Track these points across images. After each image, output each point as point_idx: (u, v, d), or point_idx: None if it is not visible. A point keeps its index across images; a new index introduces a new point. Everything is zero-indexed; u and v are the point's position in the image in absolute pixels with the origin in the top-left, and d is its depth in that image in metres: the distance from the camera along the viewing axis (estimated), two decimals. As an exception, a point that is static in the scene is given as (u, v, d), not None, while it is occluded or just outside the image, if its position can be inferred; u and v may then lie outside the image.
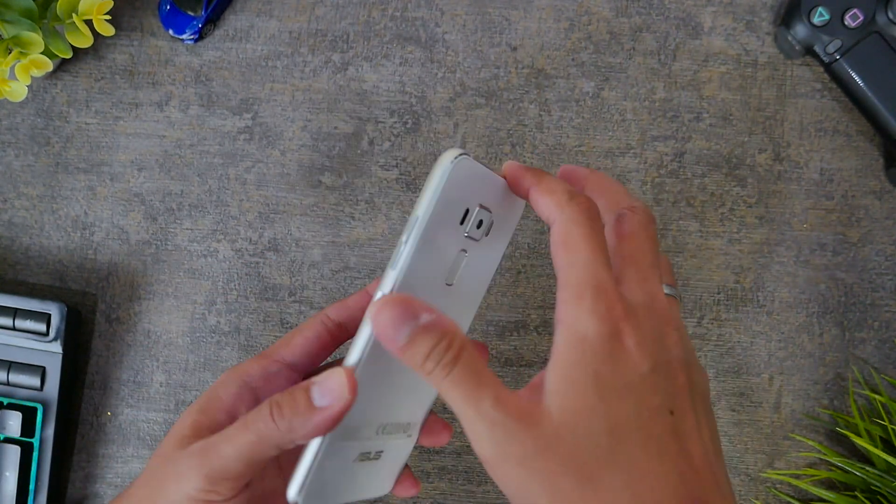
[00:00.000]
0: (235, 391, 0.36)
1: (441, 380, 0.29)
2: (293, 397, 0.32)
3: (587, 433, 0.28)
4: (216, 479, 0.33)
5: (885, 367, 0.53)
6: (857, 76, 0.51)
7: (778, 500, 0.53)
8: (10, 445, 0.51)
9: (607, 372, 0.29)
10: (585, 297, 0.29)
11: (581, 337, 0.29)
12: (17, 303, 0.51)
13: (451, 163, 0.31)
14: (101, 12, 0.49)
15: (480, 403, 0.29)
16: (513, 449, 0.28)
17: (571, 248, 0.30)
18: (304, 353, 0.38)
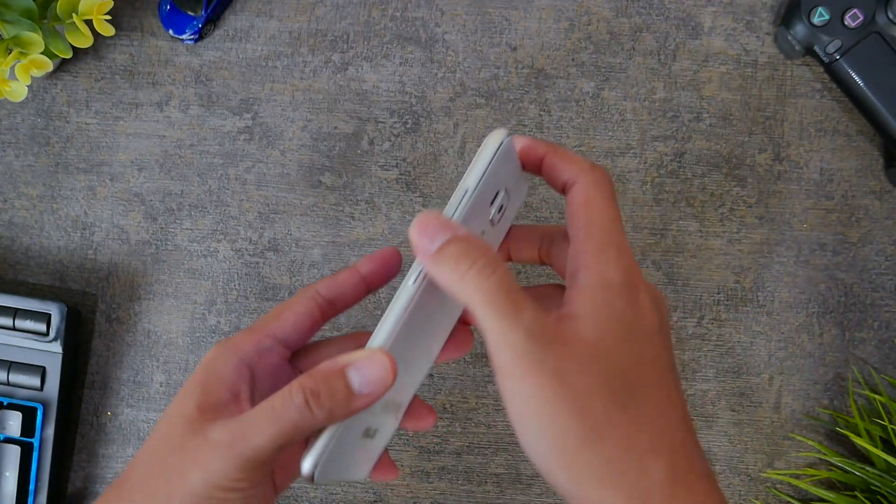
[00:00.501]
0: (234, 368, 0.35)
1: (478, 284, 0.29)
2: (330, 385, 0.32)
3: (615, 363, 0.30)
4: (248, 468, 0.32)
5: (885, 367, 0.53)
6: (857, 76, 0.51)
7: (778, 500, 0.53)
8: (10, 445, 0.51)
9: (631, 317, 0.31)
10: (609, 250, 0.31)
11: (608, 282, 0.30)
12: (17, 303, 0.51)
13: (504, 139, 0.32)
14: (101, 12, 0.49)
15: (520, 315, 0.29)
16: (549, 362, 0.29)
17: (594, 208, 0.32)
18: (295, 329, 0.37)
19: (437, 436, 0.54)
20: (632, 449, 0.29)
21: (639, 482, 0.29)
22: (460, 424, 0.54)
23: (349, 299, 0.38)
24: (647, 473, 0.29)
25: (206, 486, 0.32)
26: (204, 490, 0.32)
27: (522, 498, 0.54)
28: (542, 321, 0.30)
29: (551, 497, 0.53)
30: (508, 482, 0.54)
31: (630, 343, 0.30)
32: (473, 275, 0.30)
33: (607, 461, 0.29)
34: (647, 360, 0.31)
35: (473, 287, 0.30)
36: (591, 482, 0.29)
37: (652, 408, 0.30)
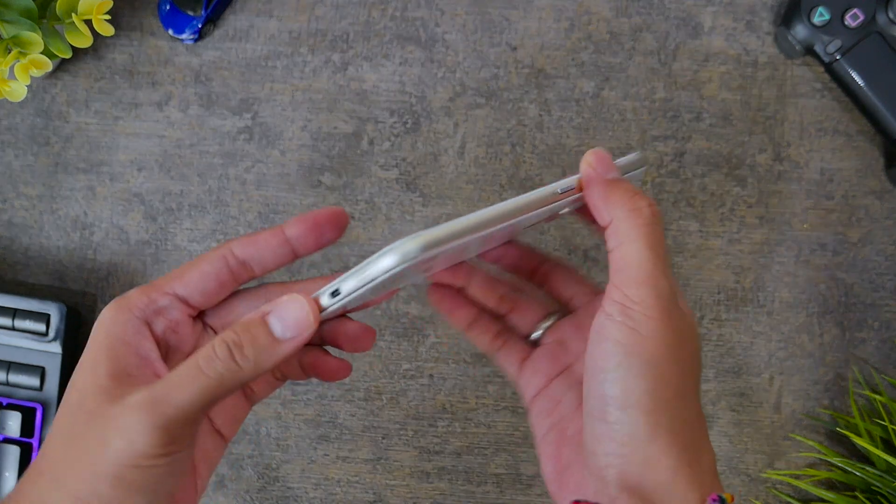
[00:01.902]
0: (135, 330, 0.33)
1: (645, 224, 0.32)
2: (252, 335, 0.31)
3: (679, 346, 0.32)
4: (174, 431, 0.30)
5: (885, 367, 0.53)
6: (858, 76, 0.51)
7: (778, 501, 0.53)
8: (10, 446, 0.51)
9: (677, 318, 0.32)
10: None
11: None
12: (16, 303, 0.51)
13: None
14: (101, 12, 0.49)
15: (668, 269, 0.32)
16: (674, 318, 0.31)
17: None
18: (199, 289, 0.34)
19: (437, 436, 0.54)
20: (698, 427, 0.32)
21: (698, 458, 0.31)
22: (460, 424, 0.54)
23: (268, 263, 0.35)
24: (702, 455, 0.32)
25: (130, 454, 0.30)
26: (129, 458, 0.30)
27: (522, 498, 0.54)
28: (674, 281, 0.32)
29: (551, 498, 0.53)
30: (508, 482, 0.54)
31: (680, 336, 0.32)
32: (648, 213, 0.32)
33: (682, 427, 0.31)
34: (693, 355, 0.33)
35: (644, 221, 0.32)
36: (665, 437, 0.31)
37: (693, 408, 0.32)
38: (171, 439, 0.30)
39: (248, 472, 0.54)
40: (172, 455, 0.30)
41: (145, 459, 0.30)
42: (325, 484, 0.54)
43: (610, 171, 0.34)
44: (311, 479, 0.54)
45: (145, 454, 0.30)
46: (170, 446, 0.30)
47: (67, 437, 0.31)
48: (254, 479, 0.54)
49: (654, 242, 0.32)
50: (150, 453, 0.30)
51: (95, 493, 0.30)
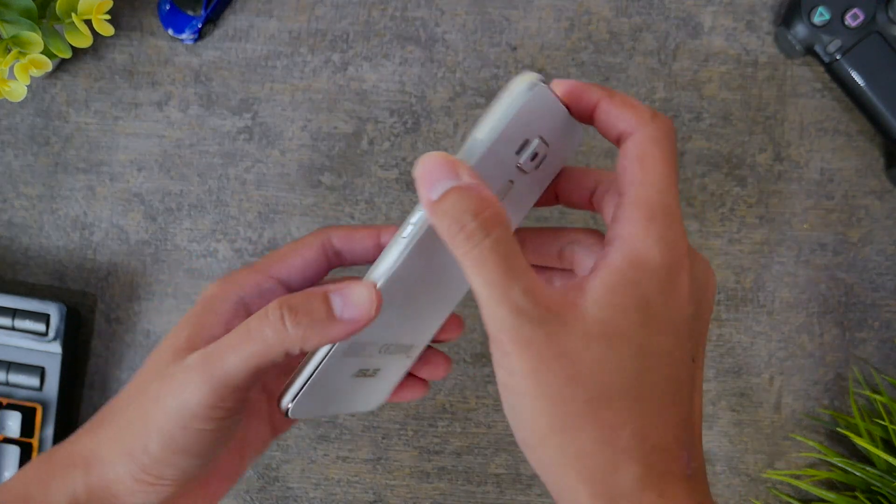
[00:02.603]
0: (231, 307, 0.33)
1: (466, 252, 0.27)
2: (310, 304, 0.30)
3: (617, 352, 0.27)
4: (221, 391, 0.30)
5: (885, 367, 0.53)
6: (858, 76, 0.51)
7: (778, 501, 0.53)
8: (10, 446, 0.51)
9: (659, 303, 0.28)
10: (657, 220, 0.28)
11: (643, 259, 0.28)
12: (16, 303, 0.51)
13: (527, 91, 0.30)
14: (101, 12, 0.49)
15: (509, 289, 0.27)
16: (536, 343, 0.27)
17: (648, 166, 0.29)
18: (301, 275, 0.35)
19: (437, 436, 0.54)
20: (607, 445, 0.27)
21: (606, 479, 0.27)
22: (460, 425, 0.54)
23: (358, 257, 0.36)
24: (618, 472, 0.27)
25: (180, 413, 0.30)
26: (179, 418, 0.30)
27: (522, 498, 0.54)
28: (535, 295, 0.27)
29: (551, 497, 0.53)
30: (508, 482, 0.54)
31: (647, 331, 0.28)
32: (463, 239, 0.27)
33: (578, 452, 0.27)
34: (661, 353, 0.28)
35: (463, 253, 0.27)
36: (558, 469, 0.28)
37: (647, 403, 0.28)
38: (220, 400, 0.30)
39: (248, 472, 0.54)
40: (219, 421, 0.31)
41: (194, 421, 0.30)
42: (325, 484, 0.54)
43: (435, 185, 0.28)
44: (311, 479, 0.54)
45: (194, 415, 0.30)
46: (217, 409, 0.30)
47: (133, 392, 0.33)
48: (254, 479, 0.54)
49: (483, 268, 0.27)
50: (200, 415, 0.30)
51: (146, 451, 0.31)
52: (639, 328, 0.28)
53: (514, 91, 0.30)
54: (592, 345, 0.27)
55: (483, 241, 0.27)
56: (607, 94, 0.30)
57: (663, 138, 0.29)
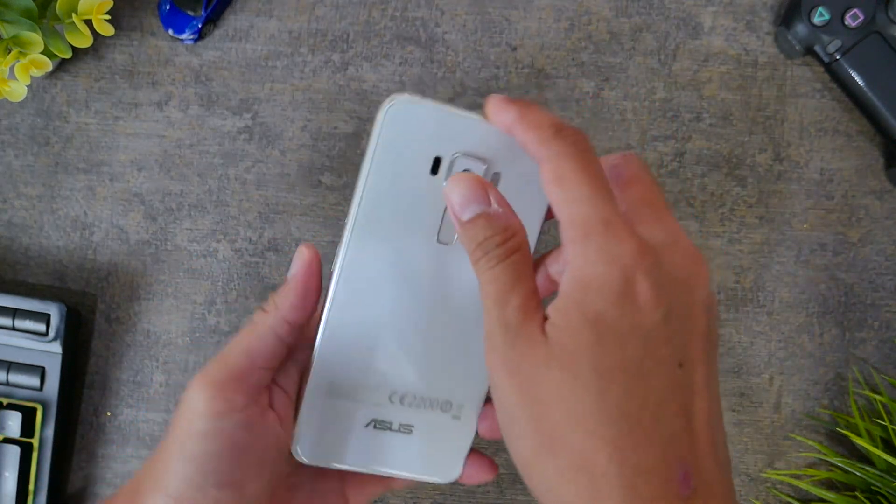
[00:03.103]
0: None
1: (483, 271, 0.29)
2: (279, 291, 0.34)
3: (573, 374, 0.27)
4: (222, 382, 0.32)
5: (885, 367, 0.53)
6: (858, 76, 0.51)
7: (778, 501, 0.53)
8: (10, 445, 0.51)
9: (613, 316, 0.27)
10: (592, 234, 0.27)
11: (586, 277, 0.27)
12: (16, 303, 0.51)
13: (384, 110, 0.30)
14: (101, 12, 0.49)
15: (507, 304, 0.28)
16: (515, 362, 0.28)
17: (567, 184, 0.28)
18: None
19: (437, 436, 0.54)
20: (585, 468, 0.26)
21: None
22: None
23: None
24: (600, 500, 0.26)
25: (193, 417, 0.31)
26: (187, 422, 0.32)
27: (523, 498, 0.54)
28: (525, 313, 0.28)
29: (551, 497, 0.53)
30: (508, 482, 0.54)
31: (603, 346, 0.27)
32: (484, 261, 0.29)
33: (558, 479, 0.27)
34: (626, 367, 0.27)
35: (480, 272, 0.29)
36: (543, 495, 0.28)
37: (621, 423, 0.26)
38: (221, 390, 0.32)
39: (248, 472, 0.54)
40: (224, 416, 0.32)
41: (201, 421, 0.31)
42: (325, 484, 0.54)
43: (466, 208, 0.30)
44: (311, 479, 0.54)
45: (202, 414, 0.31)
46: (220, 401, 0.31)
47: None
48: (254, 479, 0.54)
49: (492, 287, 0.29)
50: (206, 412, 0.31)
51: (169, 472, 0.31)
52: (592, 346, 0.27)
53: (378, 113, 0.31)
54: (552, 368, 0.27)
55: (498, 266, 0.29)
56: (518, 116, 0.29)
57: (574, 153, 0.28)
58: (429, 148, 0.31)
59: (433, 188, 0.32)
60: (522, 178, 0.32)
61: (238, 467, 0.32)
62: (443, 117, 0.31)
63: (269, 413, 0.34)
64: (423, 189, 0.32)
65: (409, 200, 0.32)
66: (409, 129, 0.31)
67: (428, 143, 0.31)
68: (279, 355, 0.34)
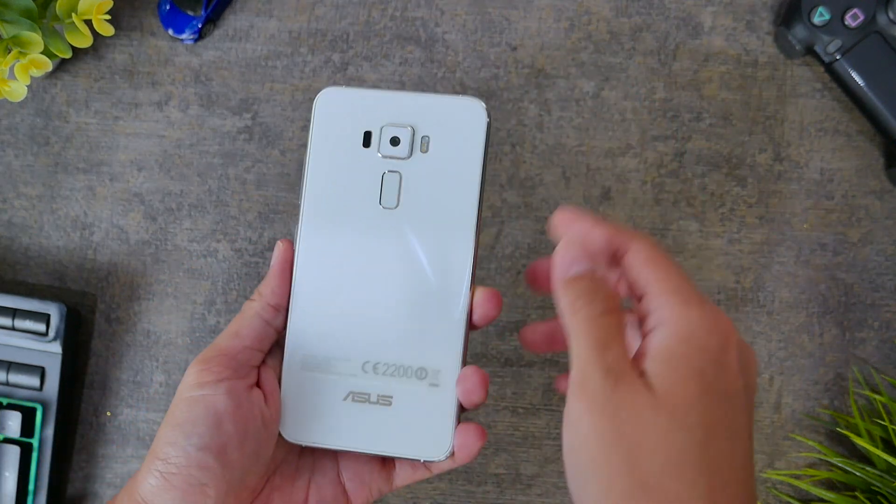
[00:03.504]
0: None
1: (583, 319, 0.31)
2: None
3: (684, 423, 0.29)
4: (210, 358, 0.36)
5: (885, 367, 0.53)
6: (858, 76, 0.51)
7: (778, 501, 0.53)
8: (10, 445, 0.51)
9: (712, 373, 0.30)
10: (693, 303, 0.31)
11: (691, 335, 0.30)
12: (16, 303, 0.51)
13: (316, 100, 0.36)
14: (101, 12, 0.49)
15: (607, 351, 0.30)
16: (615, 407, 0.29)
17: (661, 266, 0.32)
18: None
19: (437, 436, 0.54)
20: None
21: None
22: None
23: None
24: None
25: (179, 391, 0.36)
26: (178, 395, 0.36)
27: (523, 498, 0.54)
28: (624, 365, 0.30)
29: (551, 497, 0.53)
30: (508, 482, 0.54)
31: (707, 399, 0.29)
32: (584, 307, 0.31)
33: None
34: (722, 424, 0.29)
35: (580, 318, 0.31)
36: None
37: (715, 476, 0.29)
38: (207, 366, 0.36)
39: (248, 472, 0.54)
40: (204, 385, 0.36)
41: (186, 390, 0.36)
42: (325, 484, 0.54)
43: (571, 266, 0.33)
44: (311, 479, 0.54)
45: (187, 385, 0.36)
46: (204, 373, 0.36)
47: None
48: (254, 479, 0.54)
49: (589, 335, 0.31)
50: (190, 383, 0.36)
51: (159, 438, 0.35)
52: (699, 397, 0.29)
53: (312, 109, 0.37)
54: (659, 415, 0.29)
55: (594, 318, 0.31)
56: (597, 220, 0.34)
57: (658, 246, 0.33)
58: (358, 125, 0.36)
59: (368, 159, 0.36)
60: (451, 137, 0.36)
61: (219, 433, 0.35)
62: (368, 98, 0.36)
63: (256, 390, 0.37)
64: (359, 162, 0.36)
65: (348, 175, 0.36)
66: (339, 112, 0.35)
67: (357, 121, 0.36)
68: (267, 337, 0.38)
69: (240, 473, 0.35)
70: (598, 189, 0.54)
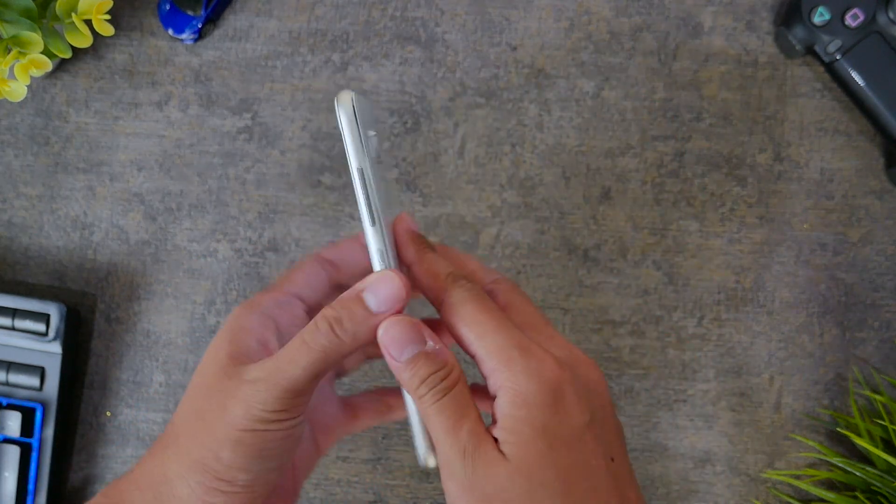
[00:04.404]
0: (258, 320, 0.36)
1: (429, 405, 0.32)
2: (349, 310, 0.34)
3: (541, 481, 0.30)
4: (287, 398, 0.33)
5: (885, 367, 0.53)
6: (858, 76, 0.51)
7: (778, 500, 0.53)
8: (10, 446, 0.51)
9: (554, 425, 0.31)
10: (514, 359, 0.31)
11: (522, 395, 0.31)
12: (16, 303, 0.51)
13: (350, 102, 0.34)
14: (101, 12, 0.49)
15: (459, 432, 0.31)
16: (477, 484, 0.30)
17: (474, 324, 0.32)
18: (308, 285, 0.38)
19: (437, 436, 0.54)
20: None
21: None
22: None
23: (348, 261, 0.39)
24: None
25: (247, 418, 0.33)
26: (246, 423, 0.33)
27: (522, 498, 0.54)
28: (477, 440, 0.31)
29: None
30: (508, 482, 0.54)
31: (556, 452, 0.30)
32: (429, 396, 0.31)
33: None
34: (575, 467, 0.31)
35: (426, 406, 0.32)
36: None
37: None
38: (284, 406, 0.33)
39: (248, 472, 0.54)
40: (285, 422, 0.33)
41: (262, 424, 0.33)
42: (325, 484, 0.54)
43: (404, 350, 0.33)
44: (312, 479, 0.54)
45: (261, 418, 0.33)
46: (282, 413, 0.33)
47: (189, 412, 0.35)
48: (254, 479, 0.54)
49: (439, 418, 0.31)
50: (266, 418, 0.33)
51: (216, 458, 0.33)
52: (548, 452, 0.30)
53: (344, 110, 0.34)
54: (517, 481, 0.30)
55: (444, 398, 0.32)
56: (416, 259, 0.35)
57: (471, 295, 0.33)
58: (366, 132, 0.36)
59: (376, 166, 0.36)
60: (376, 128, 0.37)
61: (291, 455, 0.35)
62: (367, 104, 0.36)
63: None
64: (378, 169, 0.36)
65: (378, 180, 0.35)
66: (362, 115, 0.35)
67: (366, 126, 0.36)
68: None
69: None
70: (598, 189, 0.54)
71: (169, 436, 0.35)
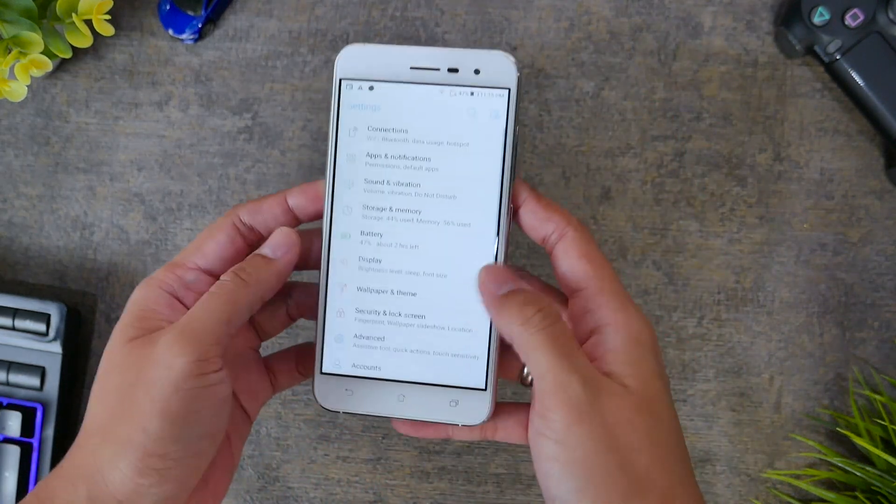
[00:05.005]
0: (163, 301, 0.35)
1: (539, 331, 0.32)
2: (250, 261, 0.35)
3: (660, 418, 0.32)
4: (204, 351, 0.32)
5: (885, 367, 0.53)
6: (858, 76, 0.51)
7: (778, 500, 0.53)
8: (10, 446, 0.51)
9: (662, 368, 0.33)
10: (629, 306, 0.33)
11: (639, 338, 0.33)
12: (16, 303, 0.51)
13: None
14: (101, 12, 0.49)
15: (577, 360, 0.31)
16: (602, 413, 0.31)
17: (595, 260, 0.34)
18: (219, 257, 0.37)
19: (437, 436, 0.54)
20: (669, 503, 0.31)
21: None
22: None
23: (270, 226, 0.38)
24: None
25: (168, 380, 0.32)
26: (167, 385, 0.32)
27: (522, 498, 0.54)
28: (594, 371, 0.32)
29: (551, 497, 0.53)
30: (508, 482, 0.54)
31: (668, 397, 0.32)
32: (539, 319, 0.32)
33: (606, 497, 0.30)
34: (674, 411, 0.33)
35: (536, 329, 0.32)
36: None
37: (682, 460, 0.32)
38: (202, 355, 0.32)
39: (249, 472, 0.54)
40: (208, 375, 0.32)
41: (184, 382, 0.32)
42: (325, 484, 0.54)
43: (502, 286, 0.34)
44: (312, 479, 0.54)
45: (183, 375, 0.32)
46: (203, 363, 0.32)
47: (107, 393, 0.33)
48: (254, 479, 0.54)
49: (554, 345, 0.32)
50: (188, 373, 0.32)
51: (144, 430, 0.31)
52: (664, 392, 0.32)
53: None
54: (641, 415, 0.31)
55: (555, 324, 0.32)
56: (532, 196, 0.36)
57: (593, 239, 0.35)
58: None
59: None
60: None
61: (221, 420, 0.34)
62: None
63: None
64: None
65: None
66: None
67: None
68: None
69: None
70: (598, 189, 0.54)
71: (91, 424, 0.33)
